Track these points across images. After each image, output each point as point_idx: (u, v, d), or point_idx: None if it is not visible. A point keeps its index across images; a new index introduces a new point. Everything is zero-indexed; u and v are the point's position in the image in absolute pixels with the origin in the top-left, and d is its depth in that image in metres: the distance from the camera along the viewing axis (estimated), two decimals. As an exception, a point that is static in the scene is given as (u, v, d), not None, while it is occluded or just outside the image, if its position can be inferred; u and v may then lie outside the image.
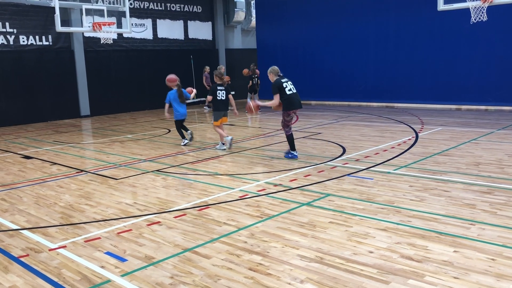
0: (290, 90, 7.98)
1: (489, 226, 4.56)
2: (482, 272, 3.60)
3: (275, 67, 8.18)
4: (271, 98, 8.14)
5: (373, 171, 6.99)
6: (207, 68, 17.30)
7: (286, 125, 8.13)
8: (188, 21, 19.97)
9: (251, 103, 8.42)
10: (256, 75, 16.53)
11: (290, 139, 8.15)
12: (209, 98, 9.17)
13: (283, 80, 8.01)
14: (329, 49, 17.82)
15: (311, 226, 4.77)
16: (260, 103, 8.74)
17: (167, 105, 9.84)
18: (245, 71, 16.64)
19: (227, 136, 9.15)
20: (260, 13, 20.28)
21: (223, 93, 9.13)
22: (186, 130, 9.98)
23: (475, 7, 10.39)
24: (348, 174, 6.83)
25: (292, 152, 8.17)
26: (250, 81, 16.54)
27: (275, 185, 6.43)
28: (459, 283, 3.44)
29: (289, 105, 7.97)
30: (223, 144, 9.20)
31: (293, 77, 19.56)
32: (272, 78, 8.08)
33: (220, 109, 9.17)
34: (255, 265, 3.90)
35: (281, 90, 7.90)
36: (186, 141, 9.88)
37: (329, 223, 4.84)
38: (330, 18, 17.66)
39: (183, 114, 9.85)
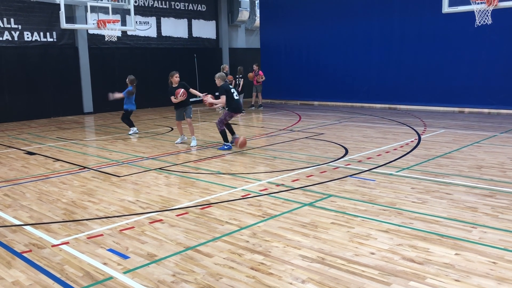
0: (236, 95, 9.18)
1: (491, 229, 4.57)
2: (483, 275, 3.61)
3: (223, 74, 9.38)
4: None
5: (375, 172, 7.00)
6: (226, 67, 17.16)
7: (222, 123, 9.18)
8: (192, 20, 19.98)
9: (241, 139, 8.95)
10: (240, 76, 16.40)
11: (224, 134, 9.25)
12: (173, 99, 9.51)
13: (231, 86, 9.29)
14: (333, 50, 17.82)
15: (313, 226, 4.78)
16: (212, 101, 9.33)
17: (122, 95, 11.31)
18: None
19: (182, 136, 10.00)
20: (264, 13, 20.29)
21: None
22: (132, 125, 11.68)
23: (480, 10, 10.37)
24: (350, 175, 6.84)
25: (226, 143, 9.23)
26: (233, 81, 16.35)
27: (277, 185, 6.44)
28: (460, 286, 3.45)
29: (235, 109, 9.17)
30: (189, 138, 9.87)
31: (296, 77, 19.75)
32: (219, 82, 9.16)
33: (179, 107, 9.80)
34: (257, 265, 3.91)
35: (228, 93, 9.03)
36: (135, 130, 11.60)
37: (331, 223, 4.85)
38: (334, 19, 17.66)
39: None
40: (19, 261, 4.12)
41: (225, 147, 9.22)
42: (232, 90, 9.17)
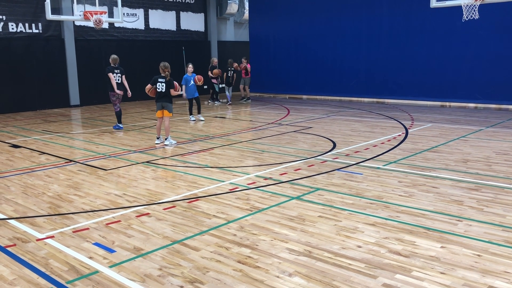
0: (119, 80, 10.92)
1: (476, 222, 4.62)
2: (468, 268, 3.64)
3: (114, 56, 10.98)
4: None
5: (362, 166, 7.03)
6: (215, 60, 16.95)
7: (114, 103, 11.00)
8: (181, 12, 19.82)
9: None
10: (233, 68, 16.29)
11: (118, 115, 11.17)
12: (148, 87, 9.15)
13: (116, 71, 10.83)
14: (322, 44, 17.80)
15: (300, 219, 4.79)
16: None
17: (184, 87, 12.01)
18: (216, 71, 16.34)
19: (159, 137, 9.29)
20: (253, 6, 20.18)
21: (162, 85, 9.00)
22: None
23: (467, 5, 10.43)
24: (338, 169, 6.86)
25: (119, 124, 11.17)
26: (225, 74, 16.15)
27: (265, 178, 6.44)
28: (446, 278, 3.48)
29: (112, 88, 10.83)
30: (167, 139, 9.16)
31: (284, 71, 19.72)
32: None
33: (157, 101, 9.14)
34: (244, 258, 3.90)
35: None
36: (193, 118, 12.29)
37: (318, 217, 4.86)
38: (323, 12, 17.63)
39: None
40: (3, 256, 4.06)
41: (116, 127, 11.11)
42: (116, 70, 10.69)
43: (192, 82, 11.98)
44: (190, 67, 12.18)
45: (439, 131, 10.04)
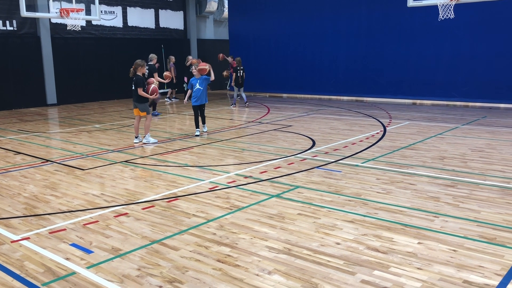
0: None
1: (452, 218, 4.70)
2: (444, 263, 3.71)
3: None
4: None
5: (341, 164, 7.08)
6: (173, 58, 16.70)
7: None
8: (160, 10, 19.64)
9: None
10: (242, 67, 15.57)
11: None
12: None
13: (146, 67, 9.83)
14: (301, 42, 17.89)
15: (280, 217, 4.80)
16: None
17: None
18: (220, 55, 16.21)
19: (137, 136, 9.20)
20: (233, 4, 20.14)
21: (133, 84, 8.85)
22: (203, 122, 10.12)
23: (443, 5, 10.61)
24: (317, 167, 6.90)
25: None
26: (234, 74, 15.31)
27: (245, 177, 6.44)
28: (422, 274, 3.53)
29: None
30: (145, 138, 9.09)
31: (265, 70, 19.72)
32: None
33: (133, 99, 9.11)
34: (224, 257, 3.90)
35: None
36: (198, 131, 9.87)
37: (297, 214, 4.88)
38: (303, 11, 17.72)
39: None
40: (-23, 258, 3.97)
41: None
42: None
43: (197, 86, 9.62)
44: (194, 70, 9.83)
45: (417, 129, 10.19)
